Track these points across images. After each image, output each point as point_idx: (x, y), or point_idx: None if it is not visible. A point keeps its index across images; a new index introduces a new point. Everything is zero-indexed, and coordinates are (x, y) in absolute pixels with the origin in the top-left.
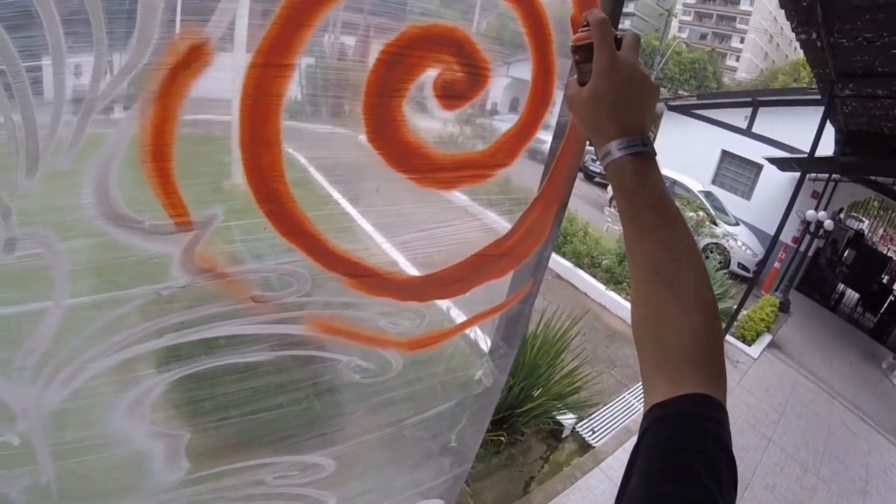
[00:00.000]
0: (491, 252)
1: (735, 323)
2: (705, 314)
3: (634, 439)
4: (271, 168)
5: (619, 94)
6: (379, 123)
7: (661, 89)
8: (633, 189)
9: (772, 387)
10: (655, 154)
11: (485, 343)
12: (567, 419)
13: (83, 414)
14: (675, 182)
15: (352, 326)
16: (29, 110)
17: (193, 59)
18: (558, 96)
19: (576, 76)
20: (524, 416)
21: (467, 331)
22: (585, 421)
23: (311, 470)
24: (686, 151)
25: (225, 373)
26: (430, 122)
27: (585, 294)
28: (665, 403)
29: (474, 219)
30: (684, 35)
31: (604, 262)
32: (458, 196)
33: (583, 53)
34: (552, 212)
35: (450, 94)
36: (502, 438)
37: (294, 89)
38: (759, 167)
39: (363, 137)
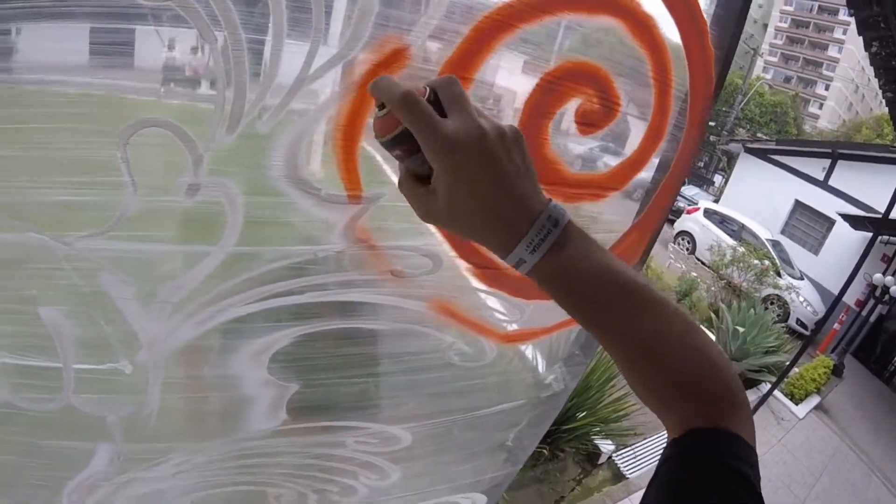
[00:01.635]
0: None
1: (785, 379)
2: (710, 382)
3: None
4: None
5: (487, 181)
6: (528, 139)
7: (741, 130)
8: (573, 291)
9: (813, 449)
10: (569, 218)
11: (536, 361)
12: (606, 445)
13: (207, 354)
14: (743, 227)
15: (465, 312)
16: (242, 76)
17: (394, 59)
18: (668, 134)
19: (407, 172)
20: (568, 434)
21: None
22: (624, 450)
23: (391, 441)
24: (758, 196)
25: (346, 335)
26: (564, 144)
27: None
28: (680, 440)
29: None
30: (768, 76)
31: None
32: None
33: (403, 147)
34: (646, 237)
35: (586, 122)
36: (544, 451)
37: None
38: (832, 222)
39: None
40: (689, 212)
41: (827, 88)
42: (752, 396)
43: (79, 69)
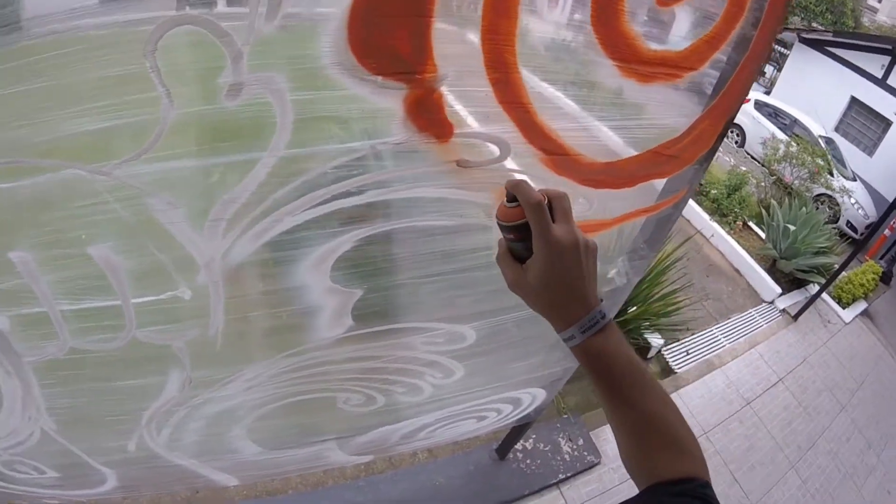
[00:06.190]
0: (663, 151)
1: (833, 282)
2: (692, 442)
3: (715, 373)
4: (506, 36)
5: (571, 274)
6: (603, 8)
7: (795, 18)
8: (606, 367)
9: (856, 355)
10: (611, 317)
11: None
12: (655, 340)
13: (268, 267)
14: (795, 121)
15: None
16: None
17: None
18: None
19: (507, 250)
20: (620, 327)
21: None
22: (673, 345)
23: (456, 340)
24: (811, 90)
25: (408, 233)
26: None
27: (689, 221)
28: (666, 483)
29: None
30: None
31: (711, 192)
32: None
33: (518, 233)
34: (721, 123)
35: None
36: None
37: None
38: (888, 123)
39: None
40: None
41: None
42: (800, 297)
43: None
